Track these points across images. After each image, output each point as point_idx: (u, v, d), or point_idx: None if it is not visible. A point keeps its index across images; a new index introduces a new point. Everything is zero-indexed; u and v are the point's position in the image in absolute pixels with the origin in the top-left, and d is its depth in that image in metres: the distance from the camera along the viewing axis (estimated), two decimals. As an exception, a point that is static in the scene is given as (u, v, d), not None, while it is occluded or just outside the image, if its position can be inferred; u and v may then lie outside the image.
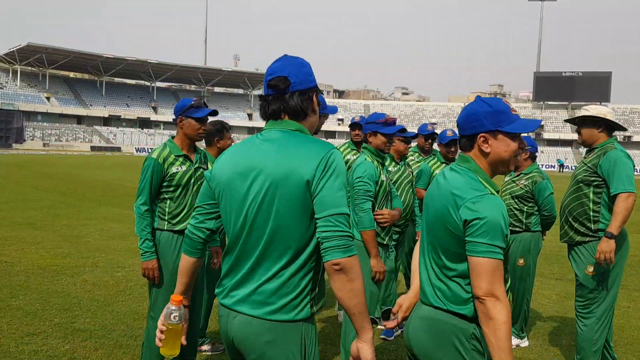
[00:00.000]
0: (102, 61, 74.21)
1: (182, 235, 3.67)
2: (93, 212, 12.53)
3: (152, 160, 3.60)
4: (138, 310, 5.36)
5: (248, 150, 1.99)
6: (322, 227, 1.84)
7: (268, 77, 2.00)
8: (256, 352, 1.93)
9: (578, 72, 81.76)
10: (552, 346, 4.97)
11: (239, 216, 1.96)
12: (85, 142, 68.30)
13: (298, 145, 1.92)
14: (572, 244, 4.05)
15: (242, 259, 1.97)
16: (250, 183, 1.93)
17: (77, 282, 6.33)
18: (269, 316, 1.90)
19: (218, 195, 2.04)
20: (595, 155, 3.89)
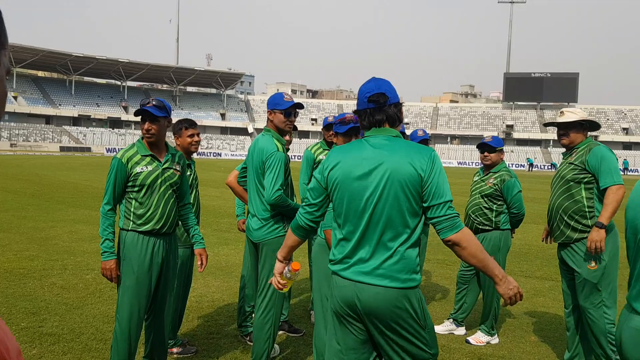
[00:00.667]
0: (71, 60, 72.89)
1: (148, 235, 3.63)
2: (62, 213, 12.30)
3: (115, 160, 3.59)
4: (108, 312, 5.28)
5: (362, 152, 2.46)
6: (434, 212, 2.36)
7: (367, 94, 2.51)
8: (388, 318, 2.37)
9: (547, 73, 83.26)
10: (522, 343, 5.05)
11: (358, 207, 2.42)
12: (54, 142, 67.00)
13: (406, 147, 2.44)
14: (569, 242, 4.11)
15: (365, 240, 2.41)
16: (370, 178, 2.41)
17: (44, 285, 6.21)
18: (396, 285, 2.36)
19: (333, 191, 2.51)
20: (581, 153, 4.05)
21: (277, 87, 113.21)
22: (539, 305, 6.30)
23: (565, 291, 4.34)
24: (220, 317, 5.41)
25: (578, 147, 4.15)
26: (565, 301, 4.35)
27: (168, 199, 3.70)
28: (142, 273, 3.59)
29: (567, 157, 4.20)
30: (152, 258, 3.63)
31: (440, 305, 6.18)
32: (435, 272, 7.78)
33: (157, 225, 3.63)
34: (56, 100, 75.76)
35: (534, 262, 8.85)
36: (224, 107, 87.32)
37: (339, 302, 2.49)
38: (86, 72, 78.76)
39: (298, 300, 6.07)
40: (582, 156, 4.04)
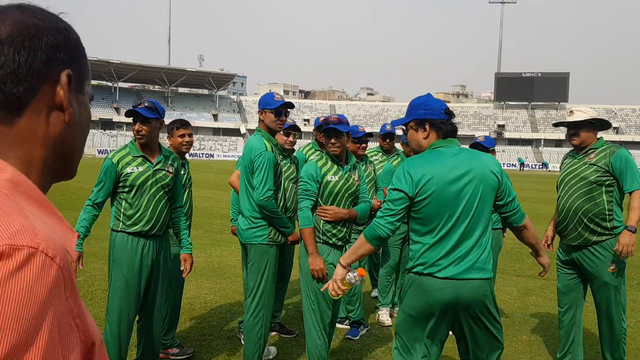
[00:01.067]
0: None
1: (137, 237, 3.62)
2: (53, 215, 12.22)
3: (107, 161, 3.63)
4: (99, 315, 5.26)
5: (447, 161, 2.76)
6: (509, 207, 2.91)
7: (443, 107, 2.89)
8: (480, 305, 2.74)
9: (537, 73, 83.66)
10: (514, 342, 5.07)
11: (455, 210, 2.72)
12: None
13: (478, 154, 2.88)
14: (586, 245, 4.05)
15: (464, 239, 2.72)
16: (463, 184, 2.73)
17: (36, 287, 6.17)
18: (486, 276, 2.75)
19: (424, 201, 2.73)
20: (603, 155, 3.99)
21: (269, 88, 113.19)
22: (531, 304, 6.33)
23: (562, 291, 4.29)
24: (213, 318, 5.41)
25: (596, 148, 4.07)
26: (561, 301, 4.32)
27: (158, 200, 3.69)
28: (132, 274, 3.59)
29: (583, 157, 4.10)
30: (142, 259, 3.63)
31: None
32: (428, 272, 7.81)
33: (146, 227, 3.62)
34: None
35: (525, 261, 8.89)
36: (216, 107, 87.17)
37: (428, 303, 2.75)
38: None
39: (290, 301, 6.08)
40: (604, 158, 3.97)
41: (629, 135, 78.33)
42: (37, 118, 0.80)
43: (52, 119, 0.82)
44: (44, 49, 0.79)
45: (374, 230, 2.84)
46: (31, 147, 0.80)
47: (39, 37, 0.79)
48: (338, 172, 3.82)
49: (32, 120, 0.80)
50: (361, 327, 5.15)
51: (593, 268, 4.04)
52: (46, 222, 0.74)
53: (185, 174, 4.46)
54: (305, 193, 3.74)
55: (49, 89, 0.80)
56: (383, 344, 4.91)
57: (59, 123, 0.82)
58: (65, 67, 0.82)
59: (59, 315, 0.68)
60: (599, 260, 4.01)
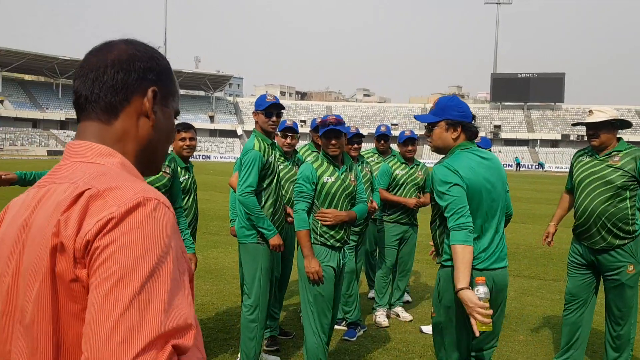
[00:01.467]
0: (58, 63, 72.36)
1: None
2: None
3: None
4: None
5: (482, 162, 2.99)
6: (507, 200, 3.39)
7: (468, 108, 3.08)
8: (504, 291, 3.06)
9: (533, 74, 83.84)
10: (511, 342, 5.09)
11: (490, 207, 2.97)
12: (42, 146, 66.52)
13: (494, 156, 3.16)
14: (609, 249, 4.00)
15: (497, 232, 3.01)
16: (494, 182, 3.00)
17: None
18: (507, 265, 3.07)
19: (472, 197, 2.90)
20: (629, 159, 3.93)
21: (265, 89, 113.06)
22: (527, 304, 6.34)
23: (572, 292, 4.21)
24: (210, 321, 5.41)
25: (619, 150, 4.00)
26: (570, 301, 4.25)
27: None
28: None
29: (605, 159, 4.01)
30: None
31: (429, 305, 6.21)
32: (425, 272, 7.82)
33: None
34: (43, 104, 75.19)
35: (522, 261, 8.92)
36: (212, 109, 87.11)
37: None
38: (73, 75, 78.02)
39: (287, 302, 6.08)
40: (631, 162, 3.92)
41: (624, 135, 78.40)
42: (130, 121, 1.08)
43: (140, 123, 1.09)
44: (137, 71, 1.08)
45: (464, 230, 2.80)
46: (127, 143, 1.08)
47: (134, 62, 1.08)
48: (334, 173, 3.81)
49: (125, 122, 1.08)
50: (358, 328, 5.16)
51: (613, 270, 4.01)
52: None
53: (189, 178, 4.44)
54: (301, 195, 3.74)
55: (139, 100, 1.08)
56: (380, 345, 4.92)
57: (145, 126, 1.09)
58: (152, 85, 1.09)
59: (177, 246, 0.94)
60: (619, 262, 3.98)
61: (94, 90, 1.07)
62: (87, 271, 0.88)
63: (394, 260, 5.57)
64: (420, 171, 5.61)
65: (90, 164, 1.02)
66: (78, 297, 0.89)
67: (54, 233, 0.91)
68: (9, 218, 1.06)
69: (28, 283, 0.94)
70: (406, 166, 5.55)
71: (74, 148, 1.07)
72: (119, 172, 1.00)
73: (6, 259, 1.00)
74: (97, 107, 1.07)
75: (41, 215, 0.97)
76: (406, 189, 5.49)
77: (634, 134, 77.94)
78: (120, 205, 0.89)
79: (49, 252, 0.91)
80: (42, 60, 71.70)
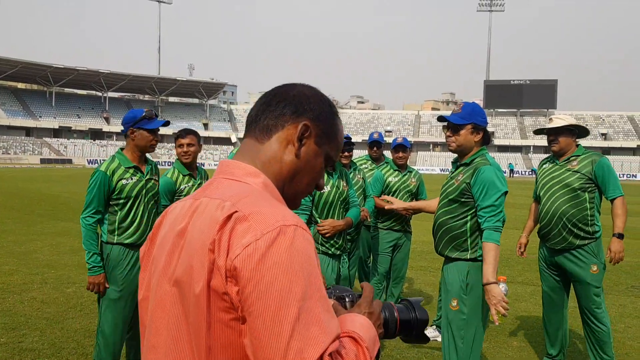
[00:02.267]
0: (51, 71, 72.22)
1: (132, 248, 3.60)
2: (42, 226, 12.15)
3: (100, 173, 3.53)
4: (89, 327, 5.23)
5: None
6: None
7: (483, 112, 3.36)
8: None
9: (526, 80, 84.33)
10: (505, 348, 5.09)
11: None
12: (35, 154, 66.22)
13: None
14: (570, 249, 4.21)
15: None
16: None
17: (24, 299, 6.13)
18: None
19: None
20: (586, 163, 4.18)
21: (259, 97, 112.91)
22: (521, 311, 6.35)
23: (548, 292, 4.47)
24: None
25: (578, 156, 4.26)
26: (548, 302, 4.49)
27: (151, 209, 3.71)
28: (127, 287, 3.57)
29: (565, 164, 4.28)
30: (134, 271, 3.61)
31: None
32: (418, 279, 7.82)
33: (141, 238, 3.61)
34: (36, 112, 74.93)
35: (515, 267, 8.93)
36: (206, 117, 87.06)
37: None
38: (67, 83, 78.05)
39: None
40: (587, 166, 4.17)
41: (617, 141, 78.95)
42: (279, 145, 1.21)
43: (287, 149, 1.22)
44: (298, 105, 1.23)
45: (499, 232, 3.10)
46: (273, 164, 1.21)
47: (299, 98, 1.24)
48: (329, 181, 3.84)
49: (275, 145, 1.21)
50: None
51: (576, 270, 4.21)
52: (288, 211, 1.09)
53: (194, 185, 4.33)
54: (300, 208, 3.73)
55: (292, 129, 1.22)
56: (374, 352, 4.90)
57: (290, 154, 1.21)
58: (307, 120, 1.22)
59: (317, 263, 1.05)
60: (582, 263, 4.18)
61: (258, 113, 1.25)
62: (237, 289, 0.99)
63: (388, 267, 5.57)
64: (414, 178, 5.62)
65: (237, 182, 1.16)
66: (228, 308, 1.01)
67: (211, 250, 1.03)
68: (168, 224, 1.20)
69: (184, 287, 1.07)
70: (399, 173, 5.56)
71: (225, 166, 1.22)
72: (262, 193, 1.13)
73: (164, 263, 1.15)
74: (256, 127, 1.24)
75: (197, 227, 1.09)
76: (399, 196, 5.49)
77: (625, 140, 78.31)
78: (263, 232, 1.00)
79: (207, 266, 1.03)
80: (36, 69, 71.55)
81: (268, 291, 0.96)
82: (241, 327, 1.01)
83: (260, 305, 0.97)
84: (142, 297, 1.23)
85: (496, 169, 3.20)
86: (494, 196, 3.10)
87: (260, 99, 1.29)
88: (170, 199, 4.28)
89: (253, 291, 0.97)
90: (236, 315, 1.01)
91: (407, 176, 5.58)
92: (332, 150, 1.27)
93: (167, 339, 1.11)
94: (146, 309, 1.19)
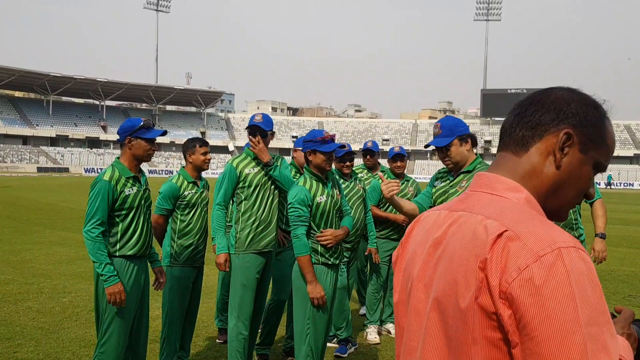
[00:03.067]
0: (48, 80, 72.27)
1: (133, 260, 3.56)
2: (38, 235, 12.10)
3: (105, 183, 3.47)
4: (85, 336, 5.19)
5: None
6: None
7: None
8: None
9: (523, 89, 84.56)
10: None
11: None
12: (32, 163, 66.13)
13: None
14: None
15: None
16: None
17: (20, 309, 6.09)
18: None
19: None
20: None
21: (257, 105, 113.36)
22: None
23: None
24: (199, 339, 5.35)
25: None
26: None
27: (148, 219, 3.69)
28: (130, 298, 3.53)
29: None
30: (135, 282, 3.57)
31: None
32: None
33: (142, 248, 3.59)
34: (33, 121, 74.90)
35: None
36: (204, 125, 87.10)
37: None
38: (64, 92, 78.10)
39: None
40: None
41: (613, 149, 79.02)
42: (538, 157, 1.13)
43: (548, 161, 1.13)
44: (556, 112, 1.13)
45: None
46: (532, 178, 1.13)
47: (557, 104, 1.13)
48: (324, 191, 3.81)
49: (534, 158, 1.13)
50: (349, 344, 5.13)
51: None
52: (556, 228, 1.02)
53: (196, 192, 4.39)
54: (299, 219, 3.68)
55: (552, 138, 1.12)
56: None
57: (551, 166, 1.12)
58: (569, 128, 1.12)
59: (599, 284, 0.98)
60: None
61: (513, 124, 1.17)
62: (510, 312, 0.96)
63: (385, 277, 5.56)
64: (411, 187, 5.61)
65: (497, 197, 1.11)
66: (496, 327, 0.98)
67: (481, 268, 1.00)
68: (421, 232, 1.20)
69: (446, 300, 1.05)
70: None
71: (483, 179, 1.16)
72: (526, 210, 1.06)
73: (419, 269, 1.15)
74: (511, 139, 1.16)
75: (458, 241, 1.07)
76: (397, 205, 5.48)
77: (622, 149, 78.55)
78: (539, 255, 0.96)
79: (476, 284, 1.00)
80: (33, 77, 71.59)
81: (551, 317, 0.92)
82: (511, 350, 0.98)
83: (544, 332, 0.93)
84: (397, 300, 1.24)
85: None
86: None
87: (513, 108, 1.20)
88: (173, 204, 4.33)
89: (535, 317, 0.94)
90: (505, 337, 0.98)
91: (405, 185, 5.58)
92: (601, 156, 1.16)
93: (423, 344, 1.11)
94: (403, 312, 1.20)
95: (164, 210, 4.32)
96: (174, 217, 4.36)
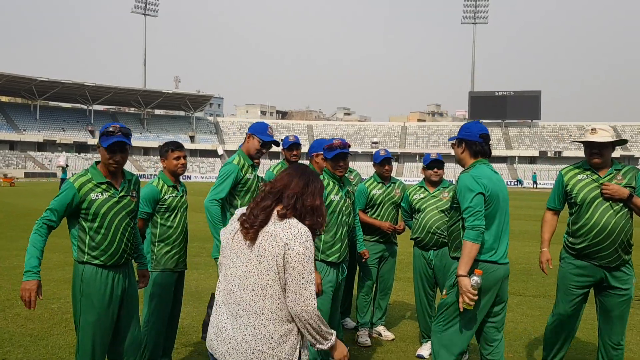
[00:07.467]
0: (36, 84, 71.73)
1: (107, 268, 3.43)
2: (26, 241, 11.83)
3: (69, 184, 3.38)
4: (74, 343, 5.14)
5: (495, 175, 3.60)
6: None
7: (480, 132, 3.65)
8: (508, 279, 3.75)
9: (510, 92, 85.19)
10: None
11: (504, 211, 3.60)
12: (19, 168, 65.55)
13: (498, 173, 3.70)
14: (621, 266, 4.06)
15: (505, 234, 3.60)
16: (504, 193, 3.62)
17: (8, 316, 6.05)
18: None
19: (491, 204, 3.49)
20: (630, 176, 4.07)
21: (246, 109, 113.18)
22: (508, 321, 6.36)
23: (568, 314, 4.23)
24: (190, 344, 5.34)
25: (619, 169, 4.12)
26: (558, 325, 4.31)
27: (125, 228, 3.51)
28: (103, 308, 3.42)
29: (610, 178, 4.07)
30: (112, 291, 3.46)
31: (410, 324, 6.21)
32: (406, 290, 7.82)
33: (114, 257, 3.45)
34: (20, 126, 74.29)
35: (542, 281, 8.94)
36: (193, 129, 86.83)
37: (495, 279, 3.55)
38: (51, 96, 77.53)
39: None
40: (632, 179, 4.06)
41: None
42: None
43: None
44: None
45: (476, 230, 3.39)
46: None
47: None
48: (339, 192, 4.17)
49: None
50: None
51: (625, 286, 4.07)
52: None
53: (176, 196, 4.35)
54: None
55: None
56: (362, 364, 4.89)
57: None
58: None
59: None
60: (627, 276, 4.08)
61: None
62: None
63: (375, 279, 5.57)
64: (398, 189, 5.62)
65: None
66: None
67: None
68: None
69: None
70: (383, 185, 5.56)
71: None
72: None
73: None
74: None
75: None
76: (384, 208, 5.50)
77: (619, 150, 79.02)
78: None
79: None
80: (20, 82, 71.02)
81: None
82: None
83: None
84: None
85: (473, 176, 3.50)
86: (468, 199, 3.44)
87: None
88: (153, 207, 4.25)
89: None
90: None
91: (392, 187, 5.60)
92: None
93: None
94: None
95: (143, 213, 4.21)
96: (154, 222, 4.29)
